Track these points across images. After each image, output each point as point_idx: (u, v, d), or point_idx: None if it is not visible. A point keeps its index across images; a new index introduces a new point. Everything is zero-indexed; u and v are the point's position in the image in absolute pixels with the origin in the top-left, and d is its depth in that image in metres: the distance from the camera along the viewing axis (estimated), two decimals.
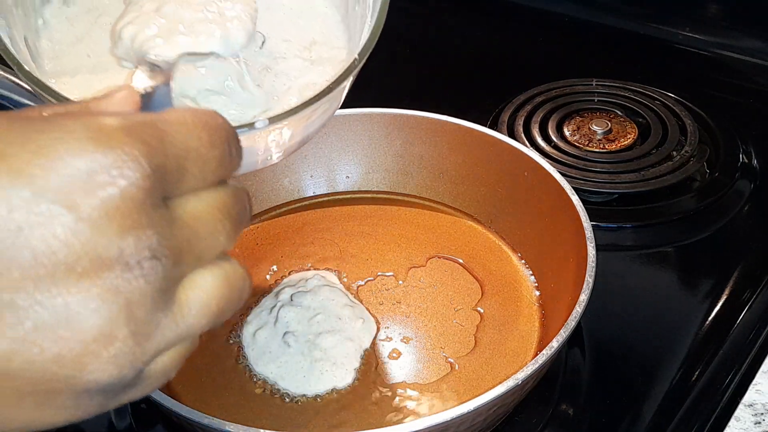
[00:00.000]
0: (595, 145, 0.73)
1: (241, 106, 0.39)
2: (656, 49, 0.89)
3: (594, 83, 0.81)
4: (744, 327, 0.55)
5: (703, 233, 0.64)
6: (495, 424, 0.48)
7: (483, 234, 0.64)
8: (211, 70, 0.38)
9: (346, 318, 0.55)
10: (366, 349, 0.54)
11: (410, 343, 0.53)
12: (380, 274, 0.61)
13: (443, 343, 0.53)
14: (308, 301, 0.56)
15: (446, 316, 0.55)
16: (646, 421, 0.49)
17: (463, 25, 1.01)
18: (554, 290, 0.56)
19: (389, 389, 0.51)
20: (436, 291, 0.58)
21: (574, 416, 0.51)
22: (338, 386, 0.51)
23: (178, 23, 0.36)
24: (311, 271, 0.61)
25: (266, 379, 0.52)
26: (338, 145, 0.67)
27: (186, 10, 0.36)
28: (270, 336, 0.54)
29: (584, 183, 0.67)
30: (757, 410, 0.49)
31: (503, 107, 0.79)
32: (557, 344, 0.43)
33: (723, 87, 0.83)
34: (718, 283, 0.59)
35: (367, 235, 0.65)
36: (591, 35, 0.94)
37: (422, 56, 0.94)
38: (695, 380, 0.52)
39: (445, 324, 0.54)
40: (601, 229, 0.64)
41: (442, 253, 0.62)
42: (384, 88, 0.88)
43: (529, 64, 0.92)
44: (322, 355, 0.53)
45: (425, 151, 0.66)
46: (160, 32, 0.36)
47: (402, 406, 0.50)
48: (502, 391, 0.41)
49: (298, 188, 0.68)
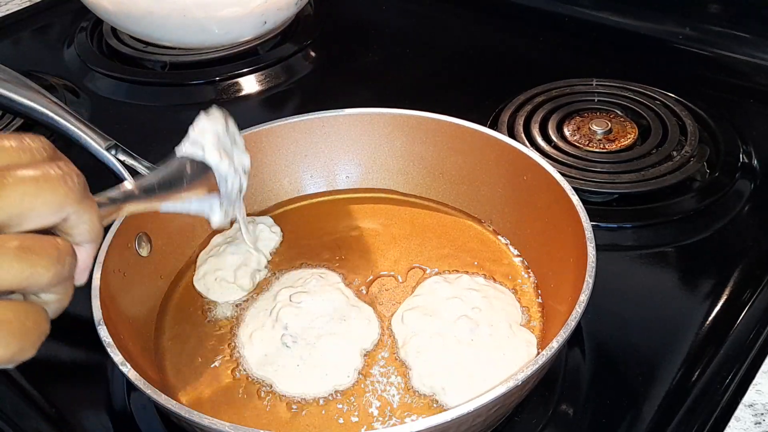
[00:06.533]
0: (595, 145, 0.73)
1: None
2: (656, 49, 0.89)
3: (594, 83, 0.81)
4: (744, 327, 0.55)
5: (703, 233, 0.64)
6: (495, 424, 0.48)
7: (483, 234, 0.64)
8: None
9: (348, 318, 0.55)
10: (367, 350, 0.54)
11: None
12: (380, 274, 0.60)
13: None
14: (309, 302, 0.56)
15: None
16: (646, 421, 0.49)
17: (463, 25, 1.01)
18: (554, 290, 0.56)
19: (389, 390, 0.51)
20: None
21: (574, 416, 0.51)
22: (339, 387, 0.51)
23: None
24: (309, 270, 0.61)
25: (265, 381, 0.52)
26: (338, 145, 0.67)
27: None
28: (268, 337, 0.54)
29: (584, 183, 0.67)
30: (757, 410, 0.49)
31: (503, 107, 0.79)
32: (557, 344, 0.43)
33: (723, 87, 0.83)
34: (718, 283, 0.59)
35: (367, 234, 0.65)
36: (591, 35, 0.94)
37: (422, 56, 0.94)
38: (695, 380, 0.52)
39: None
40: (601, 229, 0.64)
41: (442, 253, 0.62)
42: (384, 88, 0.88)
43: (529, 64, 0.92)
44: (323, 356, 0.53)
45: (425, 151, 0.66)
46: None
47: (402, 407, 0.50)
48: (502, 392, 0.41)
49: (297, 188, 0.68)
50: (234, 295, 0.59)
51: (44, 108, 0.60)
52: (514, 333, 0.53)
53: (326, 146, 0.67)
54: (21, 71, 0.65)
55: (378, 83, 0.89)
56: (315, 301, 0.56)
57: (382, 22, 1.04)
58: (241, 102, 0.88)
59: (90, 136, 0.61)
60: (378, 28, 1.02)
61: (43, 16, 1.08)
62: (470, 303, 0.55)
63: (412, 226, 0.65)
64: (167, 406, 0.42)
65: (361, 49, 0.97)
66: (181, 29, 0.88)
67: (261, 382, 0.52)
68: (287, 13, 0.94)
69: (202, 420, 0.41)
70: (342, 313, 0.56)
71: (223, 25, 0.89)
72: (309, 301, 0.56)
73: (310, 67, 0.95)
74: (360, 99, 0.77)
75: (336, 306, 0.56)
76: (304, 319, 0.55)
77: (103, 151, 0.60)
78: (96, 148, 0.61)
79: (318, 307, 0.56)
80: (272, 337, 0.54)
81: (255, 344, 0.54)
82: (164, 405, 0.42)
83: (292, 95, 0.90)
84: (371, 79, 0.91)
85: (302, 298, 0.56)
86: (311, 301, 0.56)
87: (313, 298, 0.56)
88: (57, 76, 0.91)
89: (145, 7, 0.86)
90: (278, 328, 0.55)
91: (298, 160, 0.67)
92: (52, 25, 1.06)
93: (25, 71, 0.71)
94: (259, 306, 0.58)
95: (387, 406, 0.50)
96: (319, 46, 0.97)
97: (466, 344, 0.52)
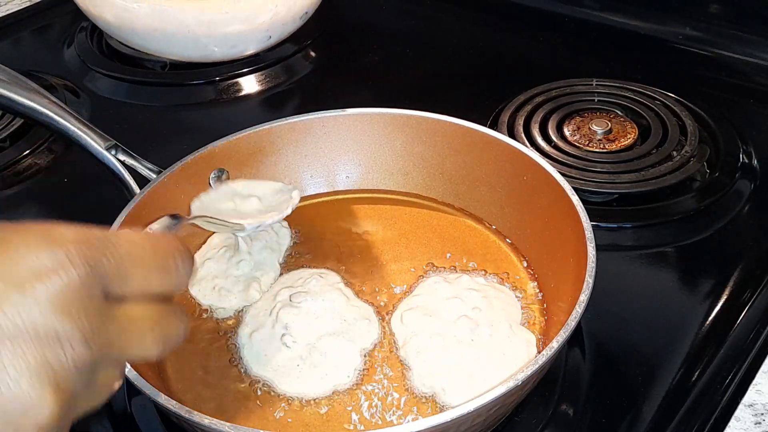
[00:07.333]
0: (595, 145, 0.73)
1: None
2: (656, 49, 0.89)
3: (594, 83, 0.81)
4: (744, 327, 0.55)
5: (703, 233, 0.64)
6: (495, 424, 0.48)
7: (483, 234, 0.64)
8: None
9: (349, 319, 0.55)
10: (367, 350, 0.54)
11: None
12: (380, 274, 0.60)
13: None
14: (309, 302, 0.56)
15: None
16: (646, 421, 0.49)
17: (463, 25, 1.01)
18: (554, 290, 0.56)
19: (390, 390, 0.51)
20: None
21: (574, 416, 0.51)
22: (339, 387, 0.51)
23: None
24: (309, 270, 0.61)
25: (265, 381, 0.52)
26: (338, 145, 0.67)
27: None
28: (268, 337, 0.54)
29: (584, 183, 0.67)
30: (757, 410, 0.49)
31: (503, 107, 0.79)
32: (557, 344, 0.43)
33: (723, 87, 0.83)
34: (718, 283, 0.59)
35: (367, 234, 0.65)
36: (591, 35, 0.94)
37: (422, 56, 0.94)
38: (695, 380, 0.52)
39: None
40: (601, 229, 0.64)
41: (442, 253, 0.62)
42: (384, 88, 0.88)
43: (529, 64, 0.92)
44: (323, 356, 0.53)
45: (425, 151, 0.66)
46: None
47: (402, 407, 0.50)
48: (502, 392, 0.41)
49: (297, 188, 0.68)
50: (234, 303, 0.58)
51: (44, 108, 0.60)
52: (514, 333, 0.53)
53: (326, 146, 0.67)
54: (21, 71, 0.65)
55: (378, 83, 0.89)
56: (315, 301, 0.56)
57: (382, 22, 1.04)
58: (241, 102, 0.88)
59: (90, 136, 0.61)
60: (378, 29, 1.02)
61: (43, 16, 1.08)
62: (470, 303, 0.55)
63: (412, 226, 0.65)
64: (167, 406, 0.42)
65: (361, 49, 0.97)
66: (185, 45, 0.87)
67: (261, 382, 0.52)
68: (292, 27, 0.93)
69: (202, 420, 0.41)
70: (342, 313, 0.56)
71: (227, 41, 0.88)
72: (309, 301, 0.56)
73: (310, 67, 0.95)
74: (360, 99, 0.77)
75: (336, 306, 0.56)
76: (304, 319, 0.55)
77: (103, 151, 0.61)
78: (96, 148, 0.61)
79: (318, 307, 0.56)
80: (272, 337, 0.54)
81: (255, 344, 0.54)
82: (164, 405, 0.42)
83: (292, 95, 0.90)
84: (371, 79, 0.91)
85: (302, 298, 0.56)
86: (311, 301, 0.56)
87: (313, 298, 0.56)
88: (57, 76, 0.91)
89: (149, 22, 0.85)
90: (278, 328, 0.55)
91: (298, 160, 0.67)
92: (52, 25, 1.06)
93: (25, 71, 0.71)
94: (259, 306, 0.58)
95: (387, 406, 0.50)
96: (319, 46, 0.97)
97: (466, 344, 0.52)
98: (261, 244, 0.62)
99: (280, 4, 0.88)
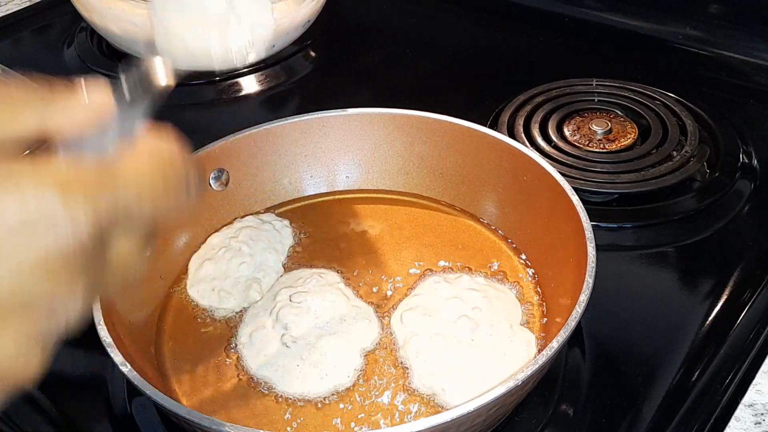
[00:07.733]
0: (595, 145, 0.73)
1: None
2: (656, 49, 0.89)
3: (594, 83, 0.81)
4: (744, 327, 0.55)
5: (703, 233, 0.64)
6: (495, 424, 0.48)
7: (483, 234, 0.64)
8: None
9: (348, 318, 0.55)
10: (367, 350, 0.54)
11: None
12: (380, 273, 0.61)
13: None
14: (309, 302, 0.56)
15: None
16: (646, 421, 0.49)
17: (463, 25, 1.01)
18: (554, 290, 0.56)
19: (390, 390, 0.51)
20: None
21: (574, 416, 0.51)
22: (339, 387, 0.51)
23: None
24: (309, 270, 0.61)
25: (265, 381, 0.52)
26: (338, 145, 0.67)
27: None
28: (268, 337, 0.54)
29: (584, 183, 0.67)
30: (757, 410, 0.49)
31: (503, 107, 0.79)
32: (557, 344, 0.43)
33: (723, 87, 0.83)
34: (718, 283, 0.59)
35: (367, 234, 0.65)
36: (591, 35, 0.94)
37: (422, 56, 0.94)
38: (695, 380, 0.52)
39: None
40: (601, 229, 0.64)
41: (442, 253, 0.62)
42: (384, 88, 0.88)
43: (529, 64, 0.92)
44: (323, 356, 0.53)
45: (425, 151, 0.66)
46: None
47: (402, 407, 0.50)
48: (502, 392, 0.41)
49: (298, 188, 0.68)
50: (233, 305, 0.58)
51: None
52: (514, 333, 0.53)
53: (326, 146, 0.67)
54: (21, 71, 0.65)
55: (378, 83, 0.89)
56: (315, 301, 0.56)
57: (382, 23, 1.04)
58: (241, 102, 0.88)
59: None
60: (378, 29, 1.02)
61: (43, 16, 1.08)
62: (470, 303, 0.55)
63: (412, 226, 0.65)
64: (167, 406, 0.42)
65: (361, 49, 0.97)
66: (189, 55, 0.87)
67: (261, 382, 0.52)
68: (295, 35, 0.93)
69: (202, 420, 0.41)
70: (342, 312, 0.56)
71: (231, 51, 0.88)
72: (309, 301, 0.56)
73: (310, 67, 0.95)
74: (360, 99, 0.77)
75: (336, 306, 0.56)
76: (304, 319, 0.55)
77: None
78: None
79: (318, 307, 0.56)
80: (272, 337, 0.54)
81: (255, 344, 0.54)
82: (164, 405, 0.42)
83: (292, 95, 0.90)
84: (371, 79, 0.91)
85: (302, 298, 0.56)
86: (311, 301, 0.56)
87: (313, 298, 0.56)
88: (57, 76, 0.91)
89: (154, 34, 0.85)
90: (278, 328, 0.55)
91: (298, 160, 0.67)
92: (52, 25, 1.06)
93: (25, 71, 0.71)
94: (259, 306, 0.58)
95: (387, 406, 0.50)
96: (319, 46, 0.97)
97: (466, 344, 0.52)
98: (263, 245, 0.62)
99: (284, 16, 0.88)
